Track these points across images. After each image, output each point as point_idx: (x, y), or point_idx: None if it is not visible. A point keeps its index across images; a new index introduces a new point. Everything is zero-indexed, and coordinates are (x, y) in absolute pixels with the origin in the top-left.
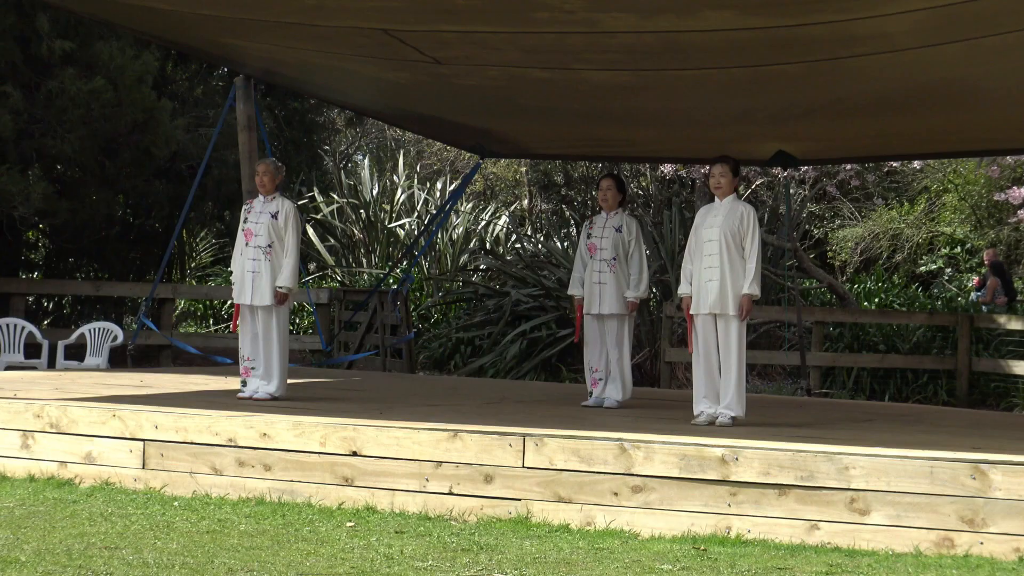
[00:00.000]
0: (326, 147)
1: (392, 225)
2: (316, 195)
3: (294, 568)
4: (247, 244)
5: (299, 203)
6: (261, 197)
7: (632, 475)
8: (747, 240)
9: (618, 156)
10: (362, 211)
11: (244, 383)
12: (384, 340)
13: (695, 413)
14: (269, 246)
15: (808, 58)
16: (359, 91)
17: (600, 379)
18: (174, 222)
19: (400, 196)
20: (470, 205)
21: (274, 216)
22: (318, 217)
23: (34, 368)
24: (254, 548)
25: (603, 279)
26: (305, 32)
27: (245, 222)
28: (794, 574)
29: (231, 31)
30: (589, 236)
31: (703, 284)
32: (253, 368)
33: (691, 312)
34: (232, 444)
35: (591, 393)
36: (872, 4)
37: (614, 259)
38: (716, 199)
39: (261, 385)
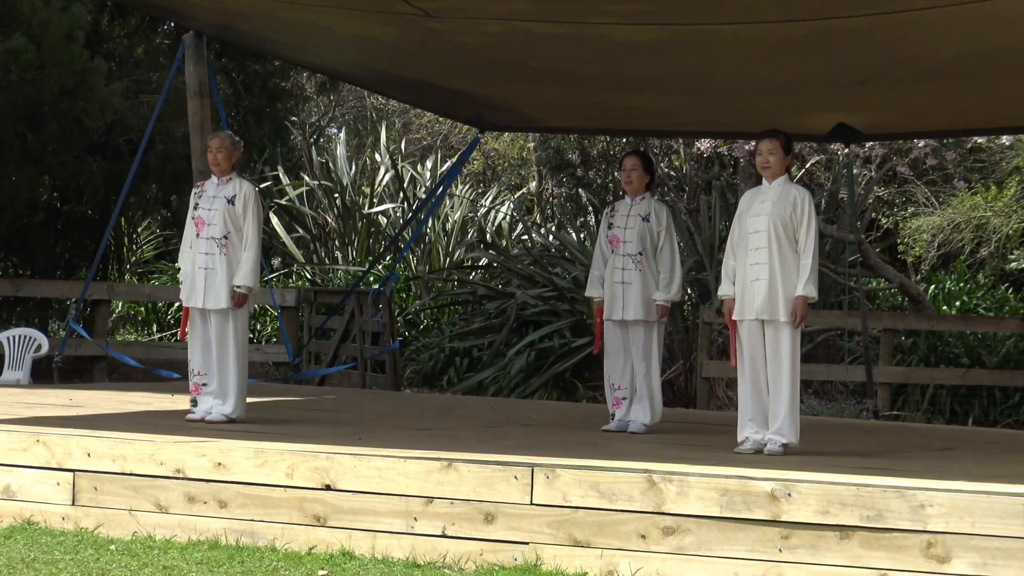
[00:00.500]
0: (293, 118)
1: (373, 211)
2: (281, 176)
3: None
4: (198, 235)
5: (261, 185)
6: (215, 178)
7: (663, 514)
8: (801, 231)
9: (645, 130)
10: (337, 195)
11: (194, 402)
12: (363, 351)
13: (739, 440)
14: (225, 237)
15: (876, 9)
16: (333, 50)
17: (624, 398)
18: (110, 208)
19: (383, 177)
20: (467, 188)
21: (230, 201)
22: (284, 202)
23: None
24: None
25: (627, 278)
26: None
27: (195, 209)
28: None
29: None
30: (610, 226)
31: (748, 284)
32: (205, 385)
33: (734, 318)
34: (180, 476)
35: (613, 415)
36: None
37: (640, 254)
38: (764, 181)
39: (215, 405)
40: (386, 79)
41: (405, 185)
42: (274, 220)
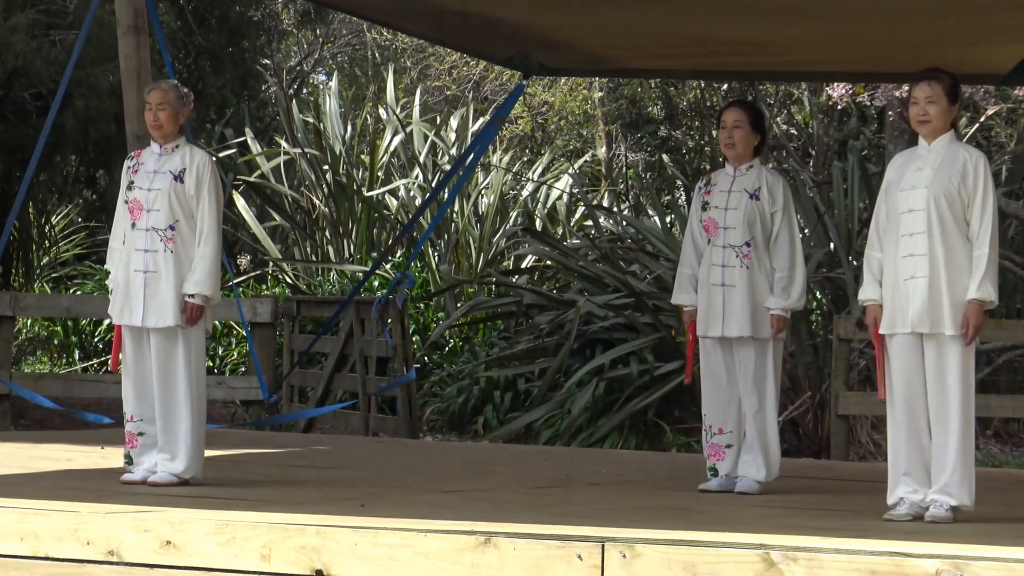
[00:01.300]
0: (266, 61)
1: (377, 191)
2: (250, 141)
3: None
4: (134, 225)
5: (221, 155)
6: (155, 146)
7: None
8: (974, 209)
9: (756, 71)
10: (327, 168)
11: (130, 459)
12: (366, 383)
13: (890, 502)
14: (171, 228)
15: None
16: None
17: (728, 446)
18: (12, 190)
19: (390, 142)
20: (507, 157)
21: (178, 177)
22: (253, 179)
23: None
24: None
25: (729, 279)
26: None
27: (130, 188)
28: None
29: None
30: (705, 206)
31: (901, 284)
32: (142, 434)
33: (881, 331)
34: (114, 560)
35: (714, 470)
36: None
37: (748, 244)
38: (921, 141)
39: (161, 461)
40: (393, 4)
41: (422, 154)
42: (240, 203)
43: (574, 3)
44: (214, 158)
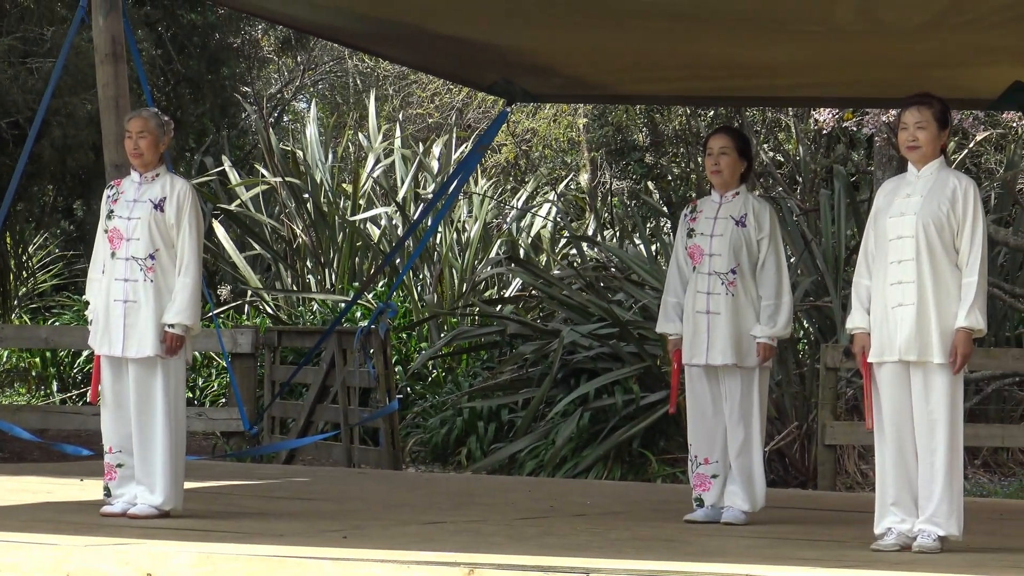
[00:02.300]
0: (246, 89)
1: (359, 217)
2: (228, 169)
3: None
4: (114, 254)
5: (199, 182)
6: (135, 175)
7: None
8: (963, 236)
9: (740, 97)
10: (308, 196)
11: (108, 491)
12: (349, 414)
13: (877, 532)
14: (151, 257)
15: None
16: None
17: (714, 476)
18: None
19: (372, 169)
20: (489, 185)
21: (158, 206)
22: (233, 208)
23: None
24: None
25: (714, 306)
26: None
27: (109, 218)
28: None
29: None
30: (691, 233)
31: (889, 312)
32: (121, 466)
33: (869, 360)
34: None
35: (699, 500)
36: None
37: (733, 271)
38: (910, 167)
39: (140, 493)
40: (373, 31)
41: (403, 182)
42: (220, 232)
43: (557, 27)
44: (193, 186)
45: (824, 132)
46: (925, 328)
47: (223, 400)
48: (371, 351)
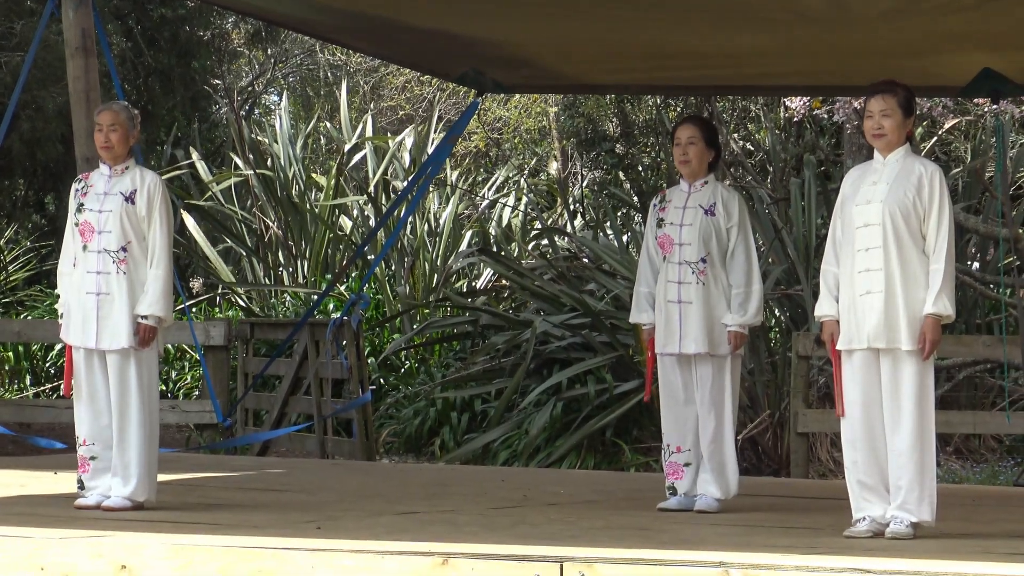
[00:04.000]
0: (216, 82)
1: (331, 203)
2: (198, 164)
3: None
4: (85, 247)
5: (169, 175)
6: (105, 167)
7: None
8: (930, 222)
9: (711, 86)
10: (279, 188)
11: (82, 483)
12: (322, 405)
13: (854, 519)
14: (123, 249)
15: None
16: None
17: (687, 464)
18: None
19: (343, 161)
20: (456, 174)
21: (129, 198)
22: (203, 202)
23: None
24: None
25: (685, 295)
26: None
27: (80, 211)
28: None
29: None
30: (660, 223)
31: (857, 300)
32: (94, 458)
33: (838, 347)
34: None
35: (672, 489)
36: None
37: (703, 260)
38: (876, 155)
39: (114, 485)
40: (343, 23)
41: (375, 174)
42: (191, 225)
43: (526, 18)
44: (162, 179)
45: (795, 119)
46: (893, 315)
47: (196, 393)
48: (343, 343)
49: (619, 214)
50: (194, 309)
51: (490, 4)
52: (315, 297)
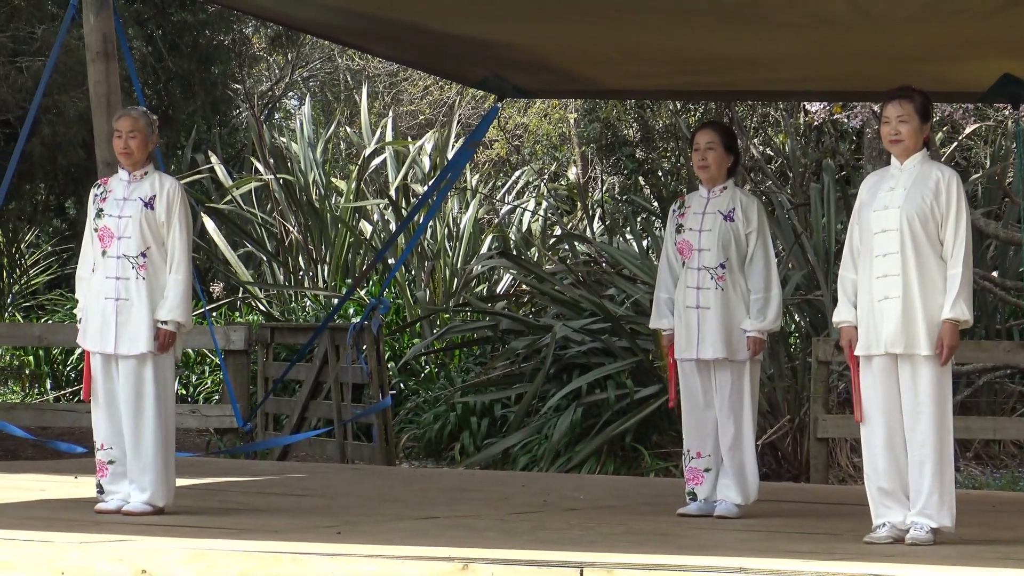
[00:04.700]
0: (237, 87)
1: (352, 206)
2: (218, 168)
3: None
4: (104, 253)
5: (190, 179)
6: (123, 173)
7: None
8: (948, 227)
9: (731, 91)
10: (299, 192)
11: (101, 488)
12: (342, 410)
13: (874, 525)
14: (142, 254)
15: None
16: None
17: (707, 470)
18: None
19: (363, 166)
20: (475, 180)
21: (148, 204)
22: (223, 206)
23: None
24: None
25: (704, 301)
26: None
27: (99, 216)
28: None
29: None
30: (680, 229)
31: (875, 305)
32: (113, 462)
33: (856, 353)
34: None
35: (693, 494)
36: None
37: (722, 266)
38: (893, 160)
39: (133, 491)
40: (364, 27)
41: (395, 178)
42: (211, 228)
43: (547, 22)
44: (180, 183)
45: (815, 124)
46: (911, 320)
47: (216, 397)
48: (364, 347)
49: (639, 219)
50: (214, 313)
51: (511, 9)
52: (335, 301)
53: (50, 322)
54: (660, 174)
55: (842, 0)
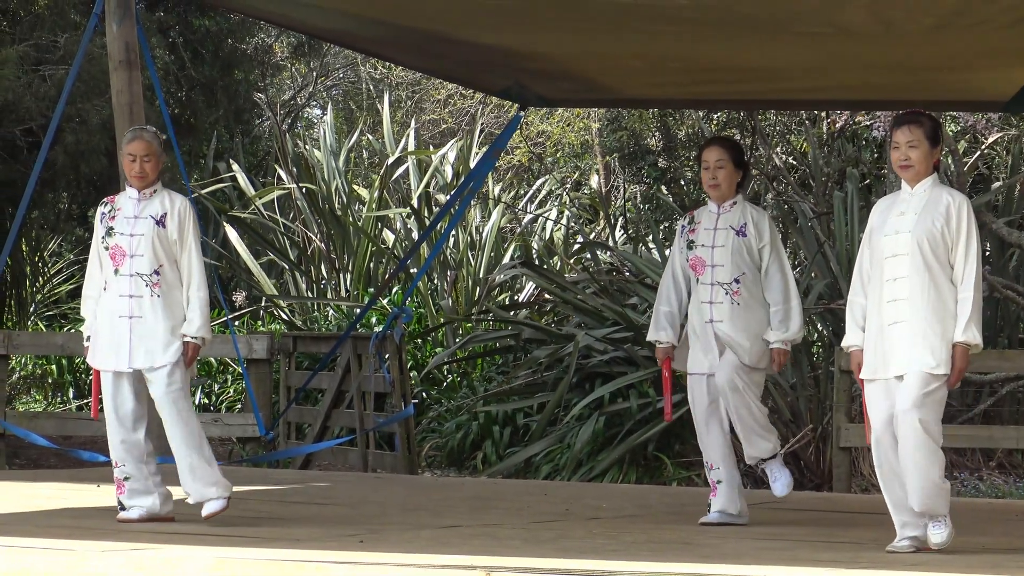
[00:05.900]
0: (260, 95)
1: (374, 215)
2: (240, 177)
3: None
4: (117, 271)
5: (212, 188)
6: (132, 192)
7: None
8: (958, 252)
9: (753, 100)
10: (322, 201)
11: (122, 505)
12: (364, 419)
13: (897, 535)
14: (155, 272)
15: None
16: None
17: (719, 482)
18: (5, 225)
19: (386, 175)
20: (498, 188)
21: (160, 222)
22: (246, 215)
23: None
24: None
25: (718, 314)
26: None
27: (109, 235)
28: None
29: None
30: (691, 245)
31: (885, 329)
32: (129, 478)
33: (862, 376)
34: None
35: (710, 505)
36: None
37: (737, 281)
38: (903, 185)
39: (195, 493)
40: (385, 36)
41: (418, 187)
42: (234, 238)
43: (569, 32)
44: (190, 201)
45: (837, 132)
46: (920, 343)
47: (239, 406)
48: (386, 356)
49: (661, 228)
50: (237, 322)
51: (533, 18)
52: (358, 310)
53: (73, 331)
54: (683, 183)
55: (863, 10)
